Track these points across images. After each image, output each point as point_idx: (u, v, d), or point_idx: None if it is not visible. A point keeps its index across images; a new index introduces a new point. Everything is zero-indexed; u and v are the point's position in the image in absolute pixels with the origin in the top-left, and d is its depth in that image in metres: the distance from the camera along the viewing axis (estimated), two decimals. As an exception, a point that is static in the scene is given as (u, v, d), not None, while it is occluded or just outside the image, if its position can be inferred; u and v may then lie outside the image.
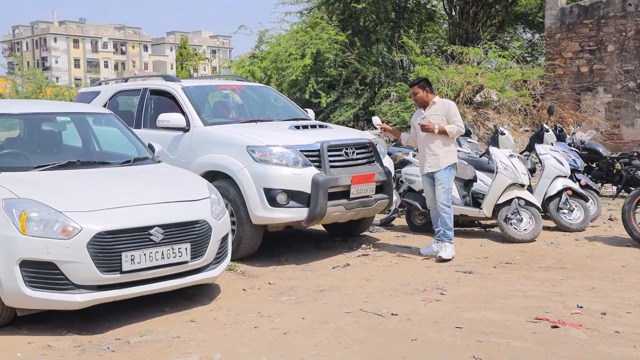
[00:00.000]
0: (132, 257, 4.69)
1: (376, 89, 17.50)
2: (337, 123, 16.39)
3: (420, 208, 8.03)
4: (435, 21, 20.66)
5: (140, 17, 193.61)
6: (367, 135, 7.51)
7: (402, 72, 17.57)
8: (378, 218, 8.77)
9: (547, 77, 16.32)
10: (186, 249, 4.99)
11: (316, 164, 6.72)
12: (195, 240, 5.06)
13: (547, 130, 8.60)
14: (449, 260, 6.66)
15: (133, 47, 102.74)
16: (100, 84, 9.23)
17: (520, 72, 16.11)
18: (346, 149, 6.95)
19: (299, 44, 17.57)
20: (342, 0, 18.20)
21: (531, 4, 20.00)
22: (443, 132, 6.76)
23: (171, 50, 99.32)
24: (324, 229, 8.18)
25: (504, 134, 7.91)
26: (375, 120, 8.65)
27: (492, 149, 7.77)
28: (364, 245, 7.44)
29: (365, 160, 7.13)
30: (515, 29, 21.13)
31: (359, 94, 17.23)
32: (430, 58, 16.44)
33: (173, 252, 4.91)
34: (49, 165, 5.29)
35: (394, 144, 13.80)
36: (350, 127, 16.71)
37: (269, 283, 6.05)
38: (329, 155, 6.79)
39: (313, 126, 7.42)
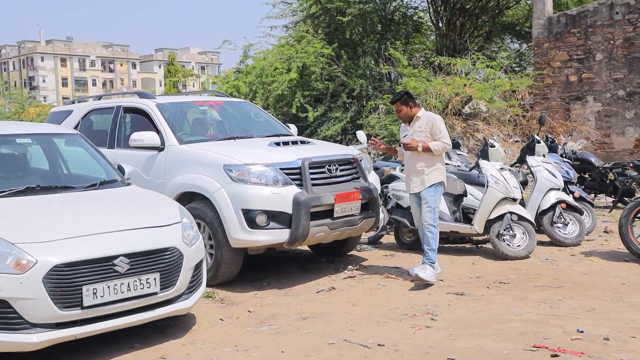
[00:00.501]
0: (95, 291, 4.31)
1: (364, 102, 17.24)
2: (325, 137, 16.10)
3: (409, 225, 7.69)
4: (422, 33, 20.46)
5: (128, 35, 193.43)
6: (351, 151, 7.16)
7: (389, 84, 17.32)
8: (366, 236, 8.41)
9: (536, 87, 16.08)
10: (155, 279, 4.61)
11: (297, 182, 6.37)
12: (164, 270, 4.68)
13: (539, 142, 8.30)
14: (428, 282, 6.15)
15: (121, 65, 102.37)
16: (73, 103, 8.86)
17: (508, 83, 15.89)
18: (329, 165, 6.61)
19: (284, 57, 17.32)
20: (327, 14, 17.95)
21: (518, 14, 19.84)
22: (427, 150, 6.32)
23: (159, 67, 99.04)
24: (309, 250, 7.82)
25: (494, 147, 7.60)
26: (360, 135, 8.35)
27: (482, 162, 7.44)
28: (350, 267, 7.08)
29: (349, 177, 6.78)
30: (503, 40, 20.94)
31: (346, 107, 16.96)
32: (418, 70, 16.18)
33: (140, 284, 4.53)
34: (5, 191, 4.89)
35: (382, 157, 13.49)
36: (338, 141, 16.43)
37: (249, 311, 5.67)
38: (311, 173, 6.45)
39: (294, 142, 7.07)
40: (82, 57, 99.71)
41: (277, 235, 6.26)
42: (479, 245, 7.75)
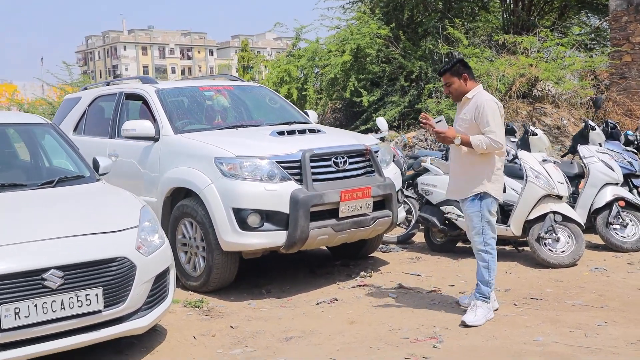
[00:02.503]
0: (17, 311, 3.66)
1: (423, 85, 16.18)
2: (381, 123, 15.18)
3: (438, 224, 6.77)
4: (489, 10, 19.08)
5: (206, 22, 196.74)
6: (364, 141, 6.27)
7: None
8: (395, 234, 7.54)
9: (613, 65, 14.53)
10: (97, 295, 3.93)
11: (298, 177, 5.58)
12: (110, 284, 3.98)
13: (593, 128, 7.13)
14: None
15: (199, 52, 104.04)
16: (85, 89, 8.38)
17: (580, 61, 14.43)
18: (335, 158, 5.76)
19: (338, 39, 16.49)
20: (385, -9, 16.93)
21: (596, -14, 18.11)
22: (467, 145, 4.72)
23: (235, 53, 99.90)
24: (326, 250, 7.01)
25: (536, 135, 6.54)
26: (381, 122, 7.54)
27: (521, 153, 6.38)
28: (363, 273, 6.22)
29: (360, 171, 5.92)
30: (579, 16, 19.27)
31: (404, 91, 15.94)
32: (480, 49, 14.97)
33: (78, 301, 3.86)
34: (-62, 191, 4.35)
35: (439, 145, 12.42)
36: (395, 126, 15.49)
37: (231, 326, 4.94)
38: (314, 167, 5.63)
39: (302, 131, 6.26)
40: (162, 46, 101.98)
41: (272, 238, 5.50)
42: (521, 249, 6.72)
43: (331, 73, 15.72)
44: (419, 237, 7.61)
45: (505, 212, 6.62)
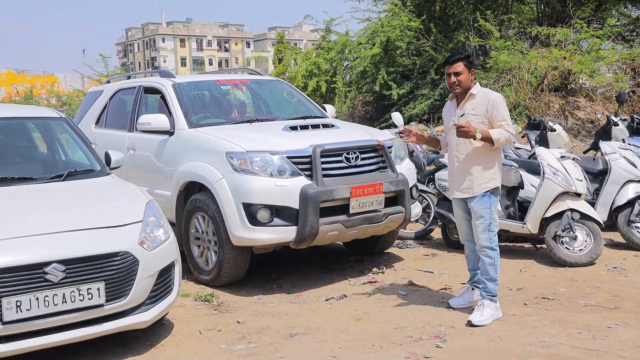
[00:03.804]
0: (18, 304, 3.73)
1: (453, 78, 15.95)
2: (410, 116, 15.08)
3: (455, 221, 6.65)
4: (524, 1, 18.70)
5: (244, 14, 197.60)
6: (377, 136, 6.20)
7: (482, 58, 15.91)
8: (413, 230, 7.47)
9: (650, 57, 14.12)
10: (99, 289, 3.97)
11: (308, 172, 5.55)
12: (112, 278, 4.03)
13: (616, 124, 6.93)
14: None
15: (236, 44, 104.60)
16: (108, 82, 8.49)
17: (616, 53, 14.06)
18: (347, 153, 5.72)
19: (368, 32, 16.39)
20: (417, -17, 16.74)
21: (634, -23, 17.58)
22: (487, 140, 4.62)
23: (272, 45, 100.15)
24: (341, 245, 6.98)
25: (555, 130, 6.37)
26: (396, 117, 7.43)
27: (539, 150, 6.24)
28: (375, 269, 6.17)
29: (373, 167, 5.87)
30: (618, 7, 18.75)
31: (435, 84, 15.77)
32: (511, 42, 14.71)
33: (80, 295, 3.91)
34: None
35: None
36: (425, 120, 15.36)
37: (238, 322, 4.95)
38: (325, 162, 5.60)
39: (315, 126, 6.22)
40: (200, 38, 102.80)
41: (282, 234, 5.49)
42: (539, 247, 6.58)
43: (360, 66, 15.65)
44: (438, 233, 7.52)
45: (525, 209, 6.49)
